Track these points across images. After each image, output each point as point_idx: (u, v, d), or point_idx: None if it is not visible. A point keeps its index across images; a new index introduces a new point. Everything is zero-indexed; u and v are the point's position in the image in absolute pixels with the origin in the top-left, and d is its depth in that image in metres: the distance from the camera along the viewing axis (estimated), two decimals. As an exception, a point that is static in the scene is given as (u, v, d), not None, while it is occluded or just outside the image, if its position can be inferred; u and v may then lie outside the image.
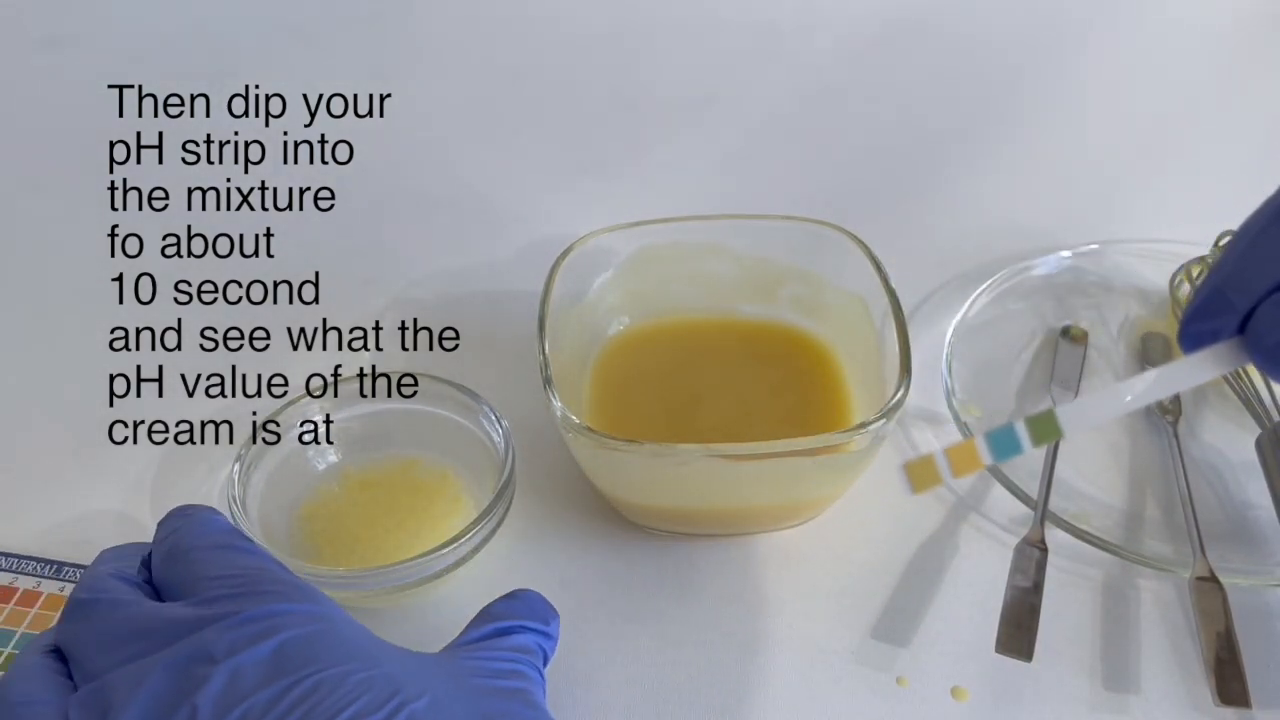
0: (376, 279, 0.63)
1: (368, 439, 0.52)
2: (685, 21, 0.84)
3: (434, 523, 0.49)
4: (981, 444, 0.33)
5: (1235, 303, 0.32)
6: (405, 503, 0.50)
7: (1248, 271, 0.32)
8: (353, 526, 0.49)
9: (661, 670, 0.46)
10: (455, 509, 0.50)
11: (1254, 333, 0.32)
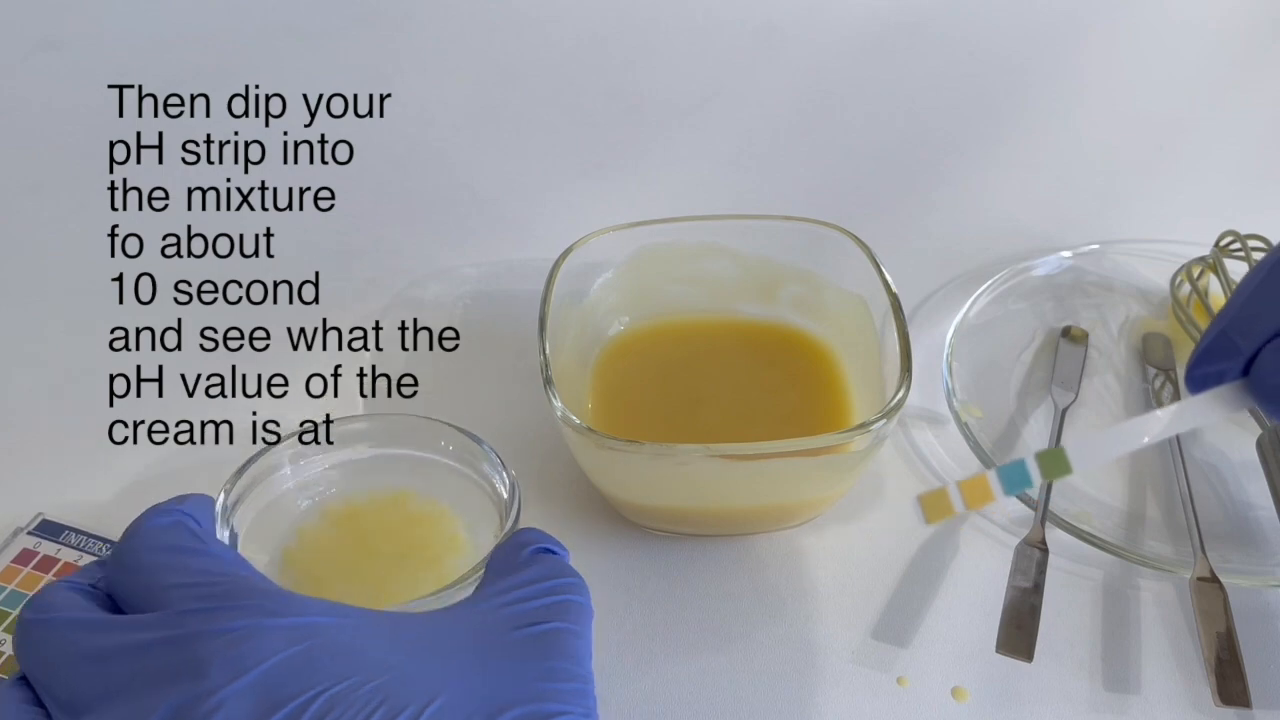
0: (376, 279, 0.63)
1: (354, 476, 0.49)
2: (685, 22, 0.84)
3: (429, 563, 0.45)
4: (993, 478, 0.35)
5: (1240, 346, 0.34)
6: (398, 539, 0.46)
7: (1252, 316, 0.34)
8: (342, 565, 0.45)
9: (661, 671, 0.46)
10: (453, 548, 0.46)
11: (1257, 375, 0.33)
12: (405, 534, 0.46)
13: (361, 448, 0.49)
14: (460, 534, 0.46)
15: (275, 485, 0.47)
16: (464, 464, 0.47)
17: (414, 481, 0.48)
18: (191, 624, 0.31)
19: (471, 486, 0.47)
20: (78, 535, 0.49)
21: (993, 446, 0.54)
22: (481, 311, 0.61)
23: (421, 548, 0.45)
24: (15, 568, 0.47)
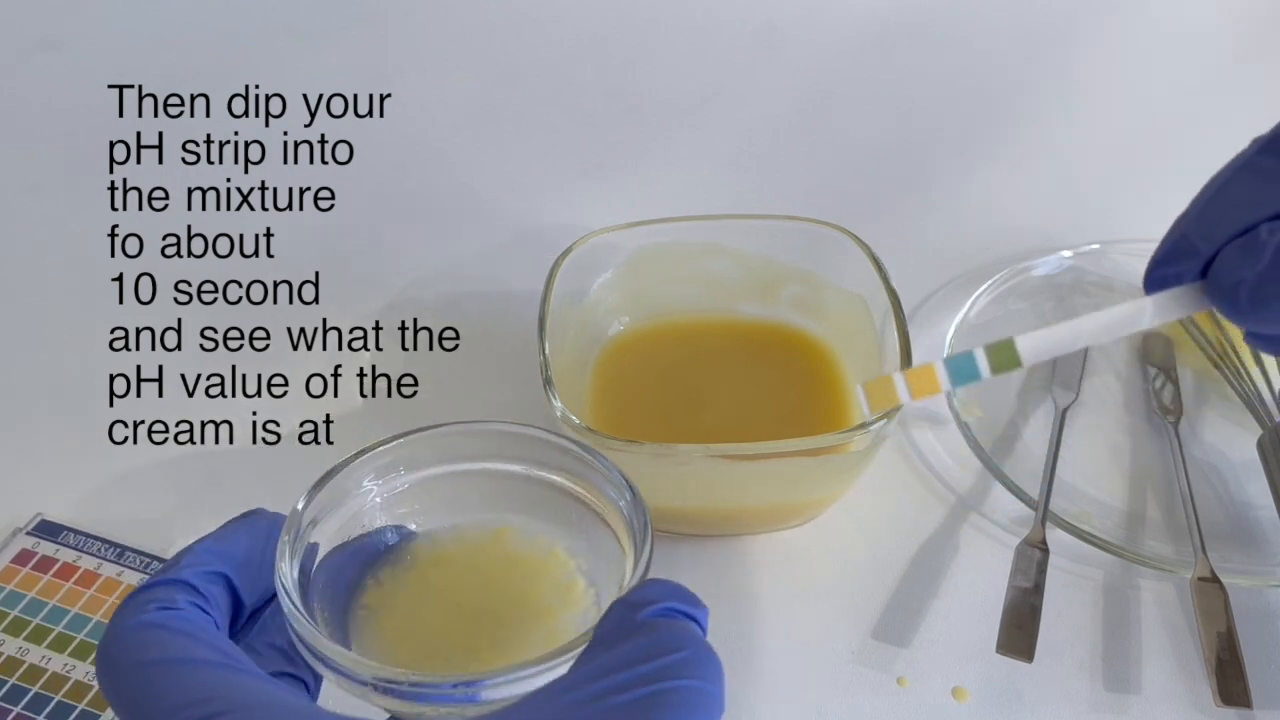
0: (376, 279, 0.63)
1: (442, 502, 0.40)
2: (685, 22, 0.84)
3: (538, 618, 0.36)
4: (941, 369, 0.34)
5: (1199, 248, 0.34)
6: (497, 587, 0.37)
7: (1212, 219, 0.34)
8: (432, 619, 0.36)
9: (662, 670, 0.46)
10: (568, 599, 0.37)
11: (1214, 276, 0.33)
12: (506, 581, 0.37)
13: (450, 464, 0.40)
14: (579, 580, 0.37)
15: (354, 504, 0.39)
16: (578, 485, 0.38)
17: (515, 509, 0.39)
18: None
19: (588, 517, 0.38)
20: (76, 535, 0.49)
21: (993, 446, 0.54)
22: (481, 311, 0.61)
23: (526, 599, 0.37)
24: (14, 568, 0.47)
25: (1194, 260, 0.34)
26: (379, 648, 0.35)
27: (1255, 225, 0.33)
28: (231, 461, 0.54)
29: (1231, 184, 0.34)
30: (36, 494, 0.51)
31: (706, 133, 0.74)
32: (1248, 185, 0.33)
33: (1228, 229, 0.33)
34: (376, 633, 0.36)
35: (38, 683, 0.44)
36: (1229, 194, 0.34)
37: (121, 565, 0.47)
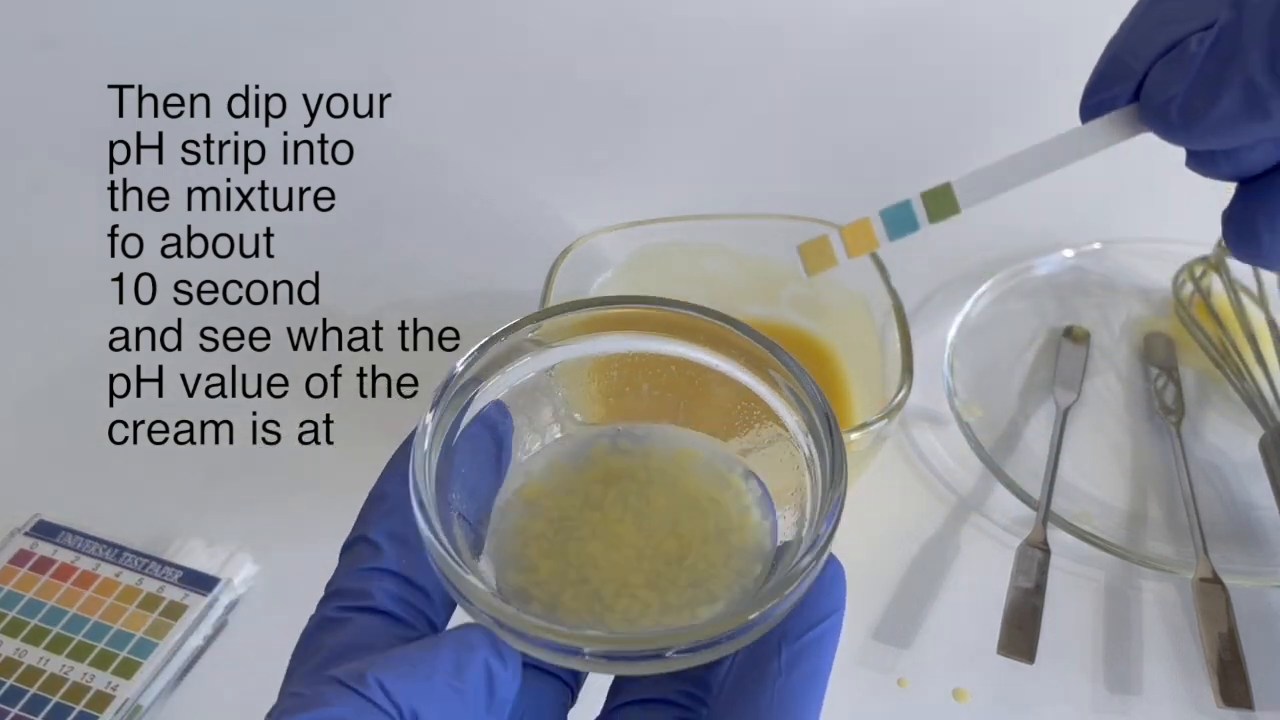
0: (376, 279, 0.63)
1: (620, 400, 0.34)
2: (685, 21, 0.83)
3: (709, 560, 0.31)
4: (877, 222, 0.32)
5: (1131, 67, 0.32)
6: (670, 516, 0.32)
7: (1141, 35, 0.32)
8: (586, 537, 0.31)
9: (662, 671, 0.46)
10: (743, 537, 0.32)
11: (1146, 94, 0.32)
12: (677, 511, 0.32)
13: (617, 337, 0.33)
14: (752, 514, 0.32)
15: (520, 375, 0.33)
16: (781, 407, 0.33)
17: (703, 418, 0.33)
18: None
19: (780, 442, 0.32)
20: (74, 536, 0.48)
21: (994, 446, 0.54)
22: (481, 311, 0.61)
23: (694, 536, 0.31)
24: (12, 569, 0.47)
25: (1127, 81, 0.33)
26: (516, 553, 0.31)
27: (1185, 38, 0.31)
28: (231, 461, 0.54)
29: (1157, 2, 0.32)
30: (35, 494, 0.51)
31: (706, 133, 0.74)
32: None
33: (1158, 44, 0.32)
34: (517, 534, 0.31)
35: (36, 684, 0.44)
36: (1158, 9, 0.32)
37: (119, 566, 0.47)
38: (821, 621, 0.28)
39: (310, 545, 0.50)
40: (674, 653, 0.27)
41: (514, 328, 0.32)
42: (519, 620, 0.27)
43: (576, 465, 0.33)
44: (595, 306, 0.33)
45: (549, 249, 0.53)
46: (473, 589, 0.27)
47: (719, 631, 0.27)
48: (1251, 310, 0.59)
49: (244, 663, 0.46)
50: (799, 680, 0.28)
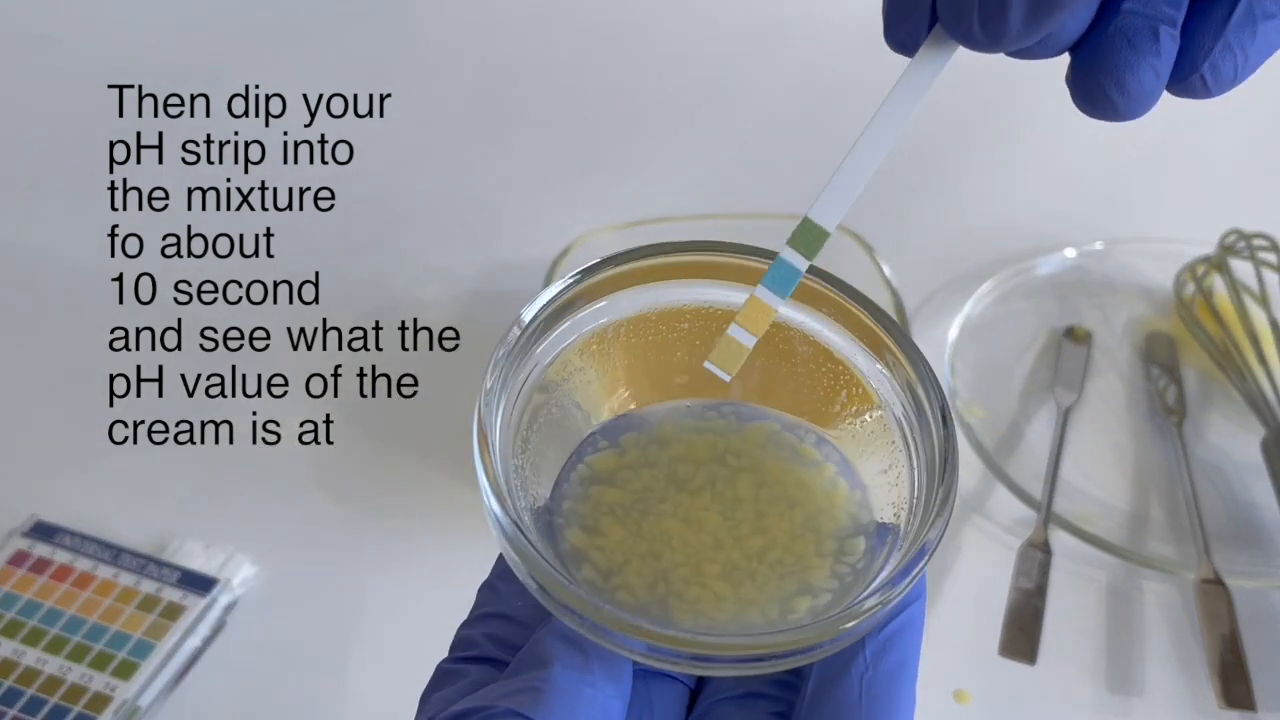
0: (376, 279, 0.63)
1: (694, 361, 0.31)
2: (685, 21, 0.83)
3: (792, 551, 0.29)
4: (764, 293, 0.30)
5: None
6: (749, 497, 0.30)
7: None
8: (668, 519, 0.29)
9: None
10: (840, 507, 0.30)
11: (943, 19, 0.28)
12: (757, 492, 0.30)
13: (697, 285, 0.32)
14: (840, 493, 0.30)
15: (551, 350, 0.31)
16: (877, 377, 0.31)
17: (785, 384, 0.31)
18: None
19: (875, 419, 0.31)
20: (72, 537, 0.48)
21: (995, 447, 0.54)
22: (481, 311, 0.61)
23: (775, 524, 0.29)
24: (10, 570, 0.47)
25: (919, 10, 0.28)
26: (584, 514, 0.29)
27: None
28: (231, 462, 0.54)
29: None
30: (34, 495, 0.51)
31: (706, 132, 0.74)
32: None
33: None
34: (587, 499, 0.29)
35: (34, 685, 0.44)
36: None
37: (118, 567, 0.47)
38: (905, 609, 0.27)
39: (309, 546, 0.51)
40: (771, 658, 0.26)
41: (593, 269, 0.30)
42: (608, 616, 0.25)
43: (657, 438, 0.31)
44: (675, 253, 0.31)
45: (549, 249, 0.53)
46: (560, 587, 0.26)
47: (818, 637, 0.26)
48: (1253, 310, 0.58)
49: (242, 664, 0.46)
50: (887, 673, 0.27)
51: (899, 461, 0.30)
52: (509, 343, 0.29)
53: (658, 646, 0.25)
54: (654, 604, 0.28)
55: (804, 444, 0.31)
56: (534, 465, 0.29)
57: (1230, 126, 0.77)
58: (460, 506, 0.52)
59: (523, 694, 0.25)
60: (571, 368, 0.31)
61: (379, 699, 0.45)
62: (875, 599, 0.26)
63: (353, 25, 0.83)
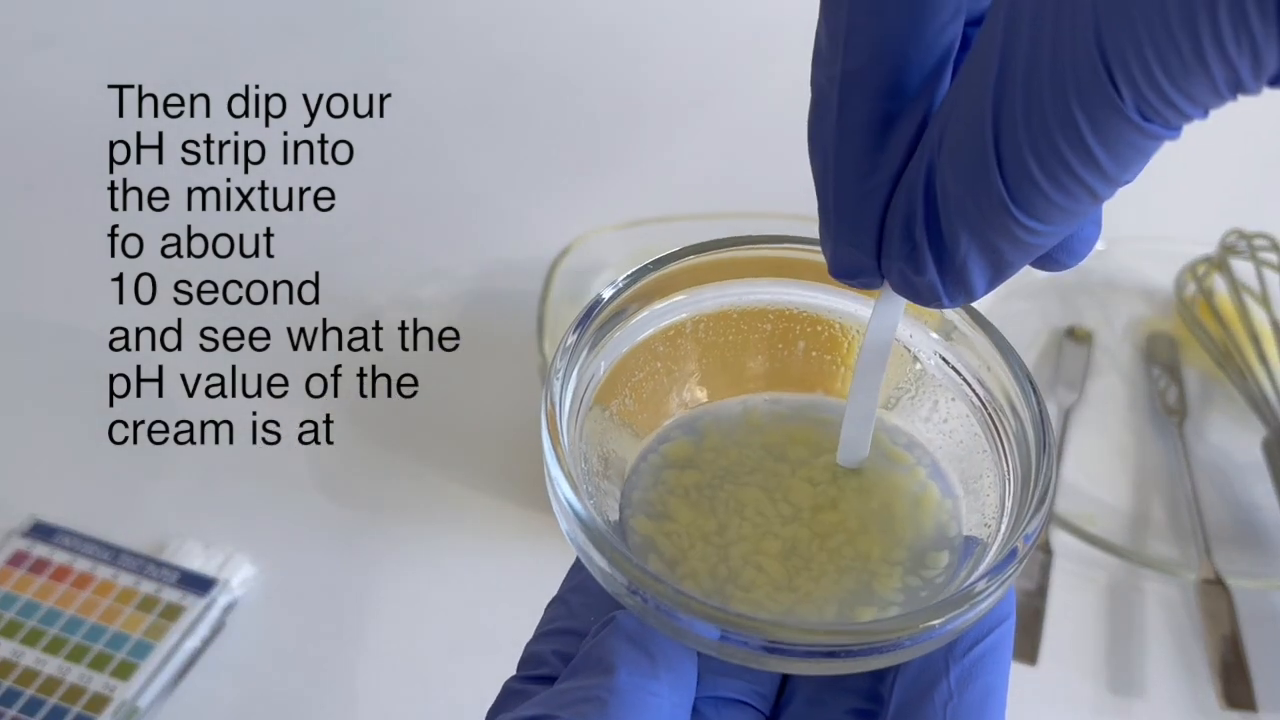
0: (376, 279, 0.63)
1: (773, 359, 0.31)
2: (685, 21, 0.83)
3: (896, 542, 0.28)
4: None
5: (860, 260, 0.26)
6: (851, 499, 0.28)
7: (848, 209, 0.25)
8: (750, 493, 0.28)
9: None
10: (928, 514, 0.29)
11: (897, 288, 0.26)
12: (842, 495, 0.29)
13: (778, 284, 0.31)
14: (933, 491, 0.29)
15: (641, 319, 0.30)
16: (966, 373, 0.30)
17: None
18: None
19: (965, 414, 0.29)
20: (71, 537, 0.48)
21: (996, 447, 0.54)
22: (481, 311, 0.61)
23: (856, 526, 0.28)
24: (9, 570, 0.47)
25: (867, 274, 0.26)
26: (655, 516, 0.28)
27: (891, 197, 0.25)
28: (231, 462, 0.53)
29: (846, 162, 0.25)
30: (33, 495, 0.51)
31: (706, 132, 0.74)
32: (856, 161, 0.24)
33: (872, 219, 0.25)
34: (657, 485, 0.28)
35: (33, 685, 0.44)
36: (851, 161, 0.25)
37: (117, 567, 0.47)
38: (991, 631, 0.25)
39: (309, 547, 0.51)
40: (848, 653, 0.24)
41: (671, 257, 0.29)
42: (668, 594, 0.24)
43: (747, 425, 0.30)
44: (758, 245, 0.30)
45: (549, 249, 0.53)
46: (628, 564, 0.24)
47: (898, 633, 0.24)
48: (1254, 310, 0.58)
49: (241, 665, 0.46)
50: (974, 701, 0.25)
51: (989, 470, 0.29)
52: (584, 325, 0.28)
53: (732, 633, 0.24)
54: (714, 594, 0.26)
55: (894, 445, 0.30)
56: (602, 457, 0.28)
57: (1231, 126, 0.77)
58: (461, 507, 0.52)
59: (586, 704, 0.24)
60: (645, 360, 0.30)
61: (378, 699, 0.45)
62: (962, 598, 0.24)
63: (353, 25, 0.82)
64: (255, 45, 0.79)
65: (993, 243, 0.23)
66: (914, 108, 0.24)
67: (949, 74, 0.24)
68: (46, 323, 0.61)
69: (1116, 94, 0.20)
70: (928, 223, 0.24)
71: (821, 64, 0.24)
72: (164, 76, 0.66)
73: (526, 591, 0.50)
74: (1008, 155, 0.21)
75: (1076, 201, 0.22)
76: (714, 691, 0.26)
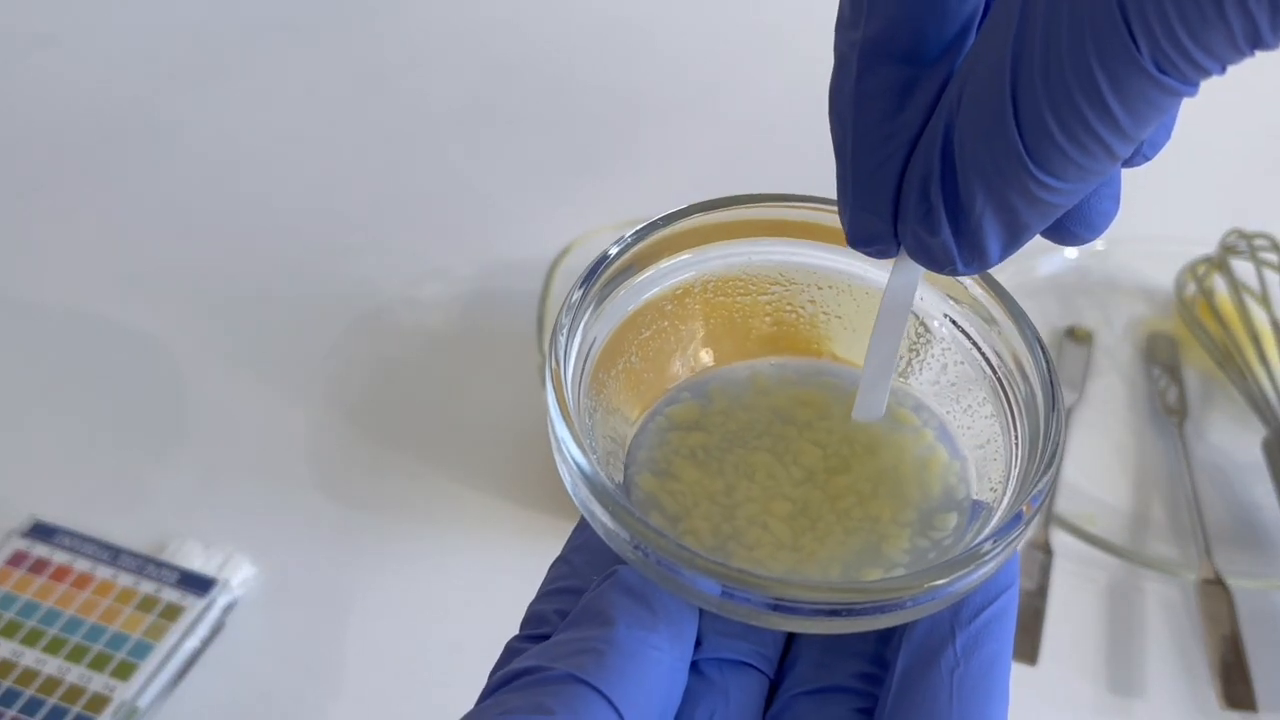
0: (376, 279, 0.63)
1: (779, 321, 0.31)
2: (685, 20, 0.83)
3: (905, 504, 0.28)
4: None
5: (877, 227, 0.26)
6: (861, 461, 0.28)
7: (865, 176, 0.26)
8: (760, 457, 0.28)
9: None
10: (935, 476, 0.28)
11: (913, 255, 0.26)
12: (847, 453, 0.28)
13: (788, 244, 0.30)
14: (942, 455, 0.29)
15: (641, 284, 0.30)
16: (975, 336, 0.29)
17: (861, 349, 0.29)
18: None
19: (971, 374, 0.29)
20: (71, 537, 0.48)
21: (996, 447, 0.54)
22: (480, 311, 0.61)
23: (900, 475, 0.28)
24: (8, 570, 0.47)
25: (883, 241, 0.26)
26: (659, 474, 0.28)
27: (908, 163, 0.25)
28: (231, 461, 0.53)
29: (868, 125, 0.26)
30: (32, 495, 0.51)
31: (706, 132, 0.74)
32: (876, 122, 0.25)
33: (888, 185, 0.25)
34: (668, 453, 0.28)
35: (32, 685, 0.43)
36: (872, 122, 0.25)
37: (116, 567, 0.47)
38: (996, 599, 0.25)
39: (308, 547, 0.51)
40: (851, 610, 0.23)
41: (679, 215, 0.29)
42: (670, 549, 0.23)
43: (756, 388, 0.30)
44: (765, 203, 0.29)
45: (549, 249, 0.53)
46: (629, 516, 0.24)
47: (904, 591, 0.23)
48: (1254, 310, 0.58)
49: (241, 665, 0.46)
50: (979, 667, 0.25)
51: (996, 433, 0.28)
52: (589, 282, 0.28)
53: (735, 589, 0.23)
54: (716, 550, 0.26)
55: (901, 407, 0.29)
56: (607, 415, 0.28)
57: (1231, 126, 0.77)
58: (460, 506, 0.52)
59: (583, 655, 0.24)
60: (652, 319, 0.30)
61: (378, 699, 0.45)
62: (969, 558, 0.24)
63: (353, 25, 0.83)
64: (255, 45, 0.79)
65: (1009, 201, 0.23)
66: (934, 73, 0.24)
67: (970, 41, 0.24)
68: (46, 322, 0.61)
69: (1134, 46, 0.20)
70: (944, 182, 0.24)
71: (844, 29, 0.24)
72: (164, 76, 0.66)
73: (526, 591, 0.50)
74: (1025, 109, 0.21)
75: (1093, 158, 0.22)
76: (717, 653, 0.25)
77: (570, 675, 0.23)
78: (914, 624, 0.25)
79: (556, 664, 0.24)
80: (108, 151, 0.64)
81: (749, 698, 0.26)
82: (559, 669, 0.23)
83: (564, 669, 0.23)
